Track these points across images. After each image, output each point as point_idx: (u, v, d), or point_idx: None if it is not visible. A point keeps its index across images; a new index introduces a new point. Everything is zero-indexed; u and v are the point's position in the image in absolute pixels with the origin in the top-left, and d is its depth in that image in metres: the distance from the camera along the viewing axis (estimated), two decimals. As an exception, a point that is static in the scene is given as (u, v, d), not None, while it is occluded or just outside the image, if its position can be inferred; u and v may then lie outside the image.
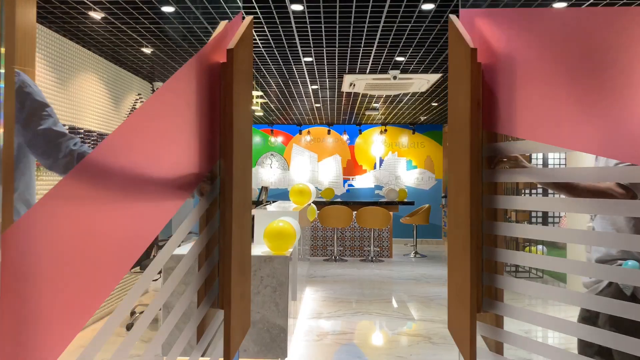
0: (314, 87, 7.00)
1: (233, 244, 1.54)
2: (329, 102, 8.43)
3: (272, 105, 8.87)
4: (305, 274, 6.84)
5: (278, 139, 11.88)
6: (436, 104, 8.60)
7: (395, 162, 11.83)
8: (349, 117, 10.62)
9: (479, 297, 1.50)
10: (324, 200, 9.66)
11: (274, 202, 7.29)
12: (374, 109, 9.14)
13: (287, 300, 3.62)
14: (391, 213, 9.07)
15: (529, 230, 1.55)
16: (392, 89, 6.64)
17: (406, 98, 8.05)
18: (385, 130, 11.40)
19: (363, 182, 11.84)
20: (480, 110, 1.47)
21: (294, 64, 5.71)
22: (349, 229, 9.53)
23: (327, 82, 6.72)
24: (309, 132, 11.70)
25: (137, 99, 6.13)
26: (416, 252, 9.87)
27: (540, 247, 8.42)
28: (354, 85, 6.48)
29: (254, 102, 5.95)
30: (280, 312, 3.60)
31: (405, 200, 9.52)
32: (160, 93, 1.25)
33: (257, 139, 11.91)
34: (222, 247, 1.55)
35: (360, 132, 11.64)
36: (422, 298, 6.30)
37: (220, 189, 1.56)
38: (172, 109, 1.32)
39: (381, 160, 11.84)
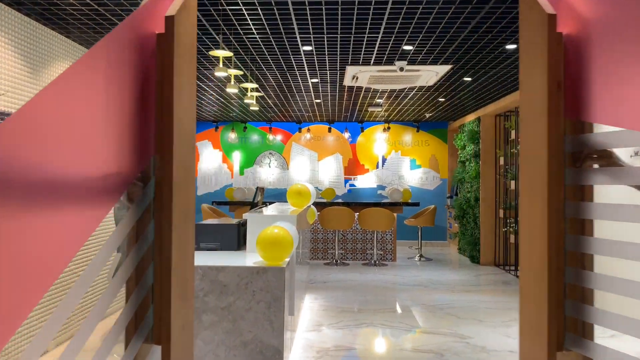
0: (314, 80, 6.55)
1: (173, 263, 1.17)
2: (329, 97, 7.98)
3: (269, 101, 8.43)
4: (304, 280, 6.40)
5: (277, 137, 11.43)
6: (443, 100, 8.15)
7: (399, 161, 11.39)
8: (351, 114, 10.18)
9: (560, 331, 1.09)
10: (324, 201, 9.22)
11: (271, 203, 6.84)
12: (377, 104, 8.69)
13: (283, 317, 3.17)
14: (395, 214, 8.63)
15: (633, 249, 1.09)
16: (398, 83, 6.19)
17: (412, 93, 7.60)
18: (389, 127, 10.95)
19: (365, 182, 11.39)
20: (562, 93, 1.05)
21: (292, 54, 5.26)
22: (351, 231, 9.08)
23: (328, 75, 6.27)
24: (308, 130, 11.25)
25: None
26: (421, 256, 9.42)
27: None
28: (357, 78, 6.04)
29: (249, 95, 5.51)
30: (275, 330, 3.15)
31: (410, 201, 9.08)
32: (72, 71, 0.86)
33: (255, 137, 11.47)
34: (157, 268, 1.17)
35: (362, 130, 11.19)
36: (430, 307, 5.85)
37: (155, 193, 1.16)
38: (88, 90, 0.95)
39: (384, 159, 11.39)
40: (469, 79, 6.43)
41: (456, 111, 9.49)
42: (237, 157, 11.48)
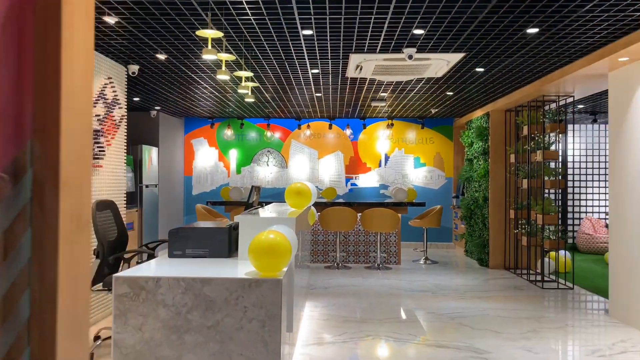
0: (315, 71, 6.09)
1: (59, 289, 0.73)
2: (331, 91, 7.51)
3: (267, 95, 7.96)
4: (304, 285, 5.95)
5: (275, 135, 10.96)
6: (451, 94, 7.69)
7: (402, 160, 10.93)
8: (353, 110, 9.72)
9: None
10: (325, 200, 8.76)
11: (268, 204, 6.38)
12: (381, 99, 8.23)
13: (280, 336, 2.71)
14: (399, 215, 8.17)
15: None
16: (405, 73, 5.73)
17: (418, 86, 7.14)
18: (392, 124, 10.49)
19: (367, 181, 10.94)
20: None
21: (291, 39, 4.80)
22: (353, 232, 8.63)
23: (330, 65, 5.81)
24: (308, 127, 10.78)
25: (106, 84, 5.22)
26: (426, 258, 8.96)
27: (563, 252, 7.52)
28: (361, 68, 5.57)
29: (243, 84, 5.04)
30: (270, 353, 2.69)
31: (415, 201, 8.62)
32: None
33: (252, 135, 11.00)
34: (36, 296, 0.73)
35: (364, 126, 10.73)
36: (440, 316, 5.39)
37: (32, 192, 0.72)
38: None
39: (387, 158, 10.93)
40: (482, 69, 5.97)
41: (463, 106, 9.03)
42: (233, 155, 11.02)
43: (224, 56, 3.86)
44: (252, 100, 5.35)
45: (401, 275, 7.74)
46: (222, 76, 4.05)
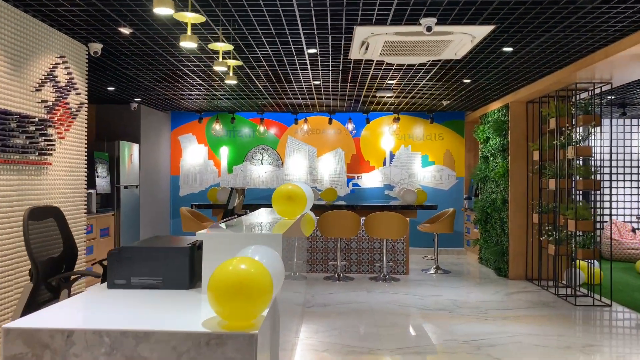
0: (312, 50, 5.15)
1: None
2: (331, 78, 6.58)
3: (258, 84, 7.03)
4: (300, 302, 5.03)
5: (270, 131, 10.03)
6: (468, 81, 6.76)
7: (409, 158, 10.00)
8: (355, 103, 8.79)
9: None
10: (324, 203, 7.83)
11: (258, 208, 5.44)
12: (388, 88, 7.30)
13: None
14: (408, 219, 7.24)
15: None
16: (420, 53, 4.80)
17: (431, 72, 6.21)
18: (398, 118, 9.54)
19: (370, 181, 10.00)
20: None
21: (283, 10, 3.87)
22: (356, 239, 7.70)
23: (330, 43, 4.89)
24: (306, 122, 9.84)
25: (56, 63, 4.28)
26: (438, 267, 8.03)
27: (594, 262, 6.59)
28: (367, 46, 4.65)
29: (219, 59, 4.11)
30: None
31: (425, 204, 7.69)
32: None
33: (245, 130, 10.06)
34: None
35: (367, 121, 9.78)
36: (464, 344, 4.45)
37: None
38: None
39: (392, 155, 10.00)
40: (509, 49, 5.04)
41: (479, 98, 8.10)
42: (224, 152, 10.09)
43: (190, 17, 2.93)
44: (234, 82, 4.41)
45: (411, 288, 6.81)
46: (187, 43, 3.11)
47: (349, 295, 6.31)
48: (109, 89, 7.26)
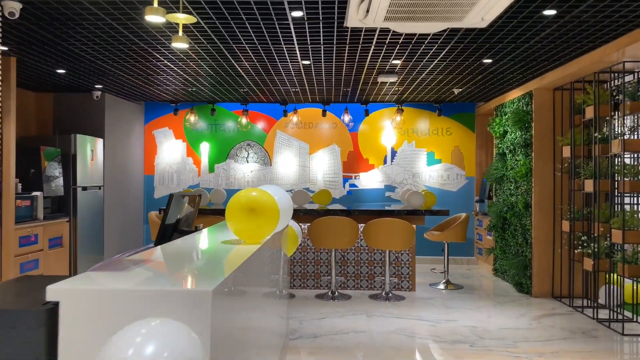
0: (297, 13, 4.02)
1: None
2: (323, 55, 5.46)
3: (238, 68, 5.91)
4: (281, 332, 3.92)
5: (258, 126, 8.90)
6: (489, 61, 5.64)
7: (413, 155, 8.88)
8: (352, 92, 7.67)
9: None
10: (316, 207, 6.71)
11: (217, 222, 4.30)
12: (391, 71, 6.18)
13: None
14: (414, 227, 6.12)
15: None
16: (438, 15, 3.68)
17: (445, 49, 5.10)
18: (402, 109, 8.39)
19: (369, 181, 8.89)
20: None
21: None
22: (353, 249, 6.58)
23: (320, 3, 3.76)
24: (296, 113, 8.68)
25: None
26: (448, 282, 6.92)
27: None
28: (369, 4, 3.52)
29: (180, 33, 2.97)
30: None
31: (435, 208, 6.54)
32: None
33: (229, 124, 8.93)
34: None
35: (366, 113, 8.64)
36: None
37: None
38: None
39: (393, 152, 8.89)
40: (552, 11, 3.92)
41: (496, 85, 6.99)
42: (205, 149, 8.95)
43: None
44: (185, 45, 3.28)
45: (419, 309, 5.69)
46: (152, 17, 1.98)
47: (346, 321, 5.19)
48: (59, 71, 6.11)
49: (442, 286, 6.84)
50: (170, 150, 8.95)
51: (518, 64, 5.73)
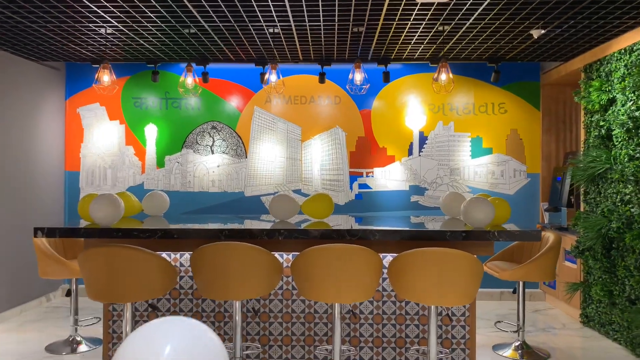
0: None
1: None
2: None
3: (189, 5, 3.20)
4: None
5: (231, 103, 6.21)
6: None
7: (450, 142, 6.18)
8: (366, 40, 4.96)
9: None
10: (309, 224, 3.97)
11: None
12: (427, 2, 3.45)
13: None
14: (481, 264, 3.36)
15: None
16: None
17: None
18: (446, 64, 5.56)
19: (388, 179, 6.19)
20: None
21: None
22: (371, 300, 3.86)
23: None
24: (277, 75, 5.87)
25: None
26: (523, 346, 4.23)
27: None
28: None
29: None
30: None
31: (507, 227, 3.80)
32: None
33: (189, 100, 6.23)
34: None
35: (386, 78, 5.85)
36: None
37: None
38: None
39: (423, 138, 6.19)
40: None
41: (600, 22, 4.25)
42: (152, 134, 6.27)
43: None
44: None
45: None
46: None
47: None
48: None
49: (512, 351, 4.15)
50: (103, 136, 6.26)
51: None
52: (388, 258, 3.82)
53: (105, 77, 4.85)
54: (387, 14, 4.09)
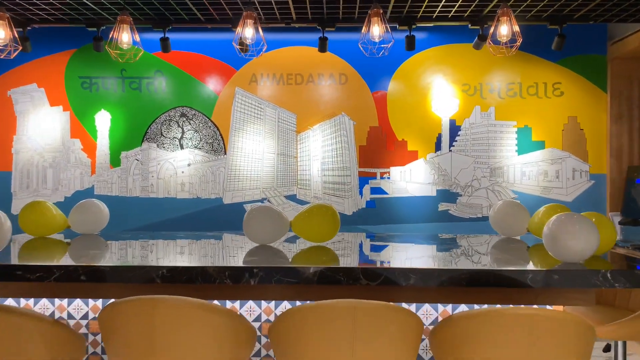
0: None
1: None
2: None
3: None
4: None
5: (208, 86, 4.82)
6: None
7: (490, 134, 4.77)
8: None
9: None
10: (298, 266, 2.54)
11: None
12: None
13: None
14: (593, 327, 1.94)
15: None
16: None
17: None
18: (500, 29, 3.99)
19: (409, 181, 4.77)
20: None
21: None
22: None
23: None
24: (264, 40, 4.35)
25: None
26: None
27: None
28: None
29: None
30: None
31: (619, 250, 2.40)
32: None
33: (149, 78, 4.85)
34: None
35: (409, 45, 4.38)
36: None
37: None
38: None
39: (454, 129, 4.78)
40: None
41: None
42: (104, 124, 4.88)
43: None
44: None
45: None
46: None
47: None
48: None
49: None
50: (41, 127, 4.87)
51: None
52: (424, 315, 2.42)
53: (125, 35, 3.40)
54: None
